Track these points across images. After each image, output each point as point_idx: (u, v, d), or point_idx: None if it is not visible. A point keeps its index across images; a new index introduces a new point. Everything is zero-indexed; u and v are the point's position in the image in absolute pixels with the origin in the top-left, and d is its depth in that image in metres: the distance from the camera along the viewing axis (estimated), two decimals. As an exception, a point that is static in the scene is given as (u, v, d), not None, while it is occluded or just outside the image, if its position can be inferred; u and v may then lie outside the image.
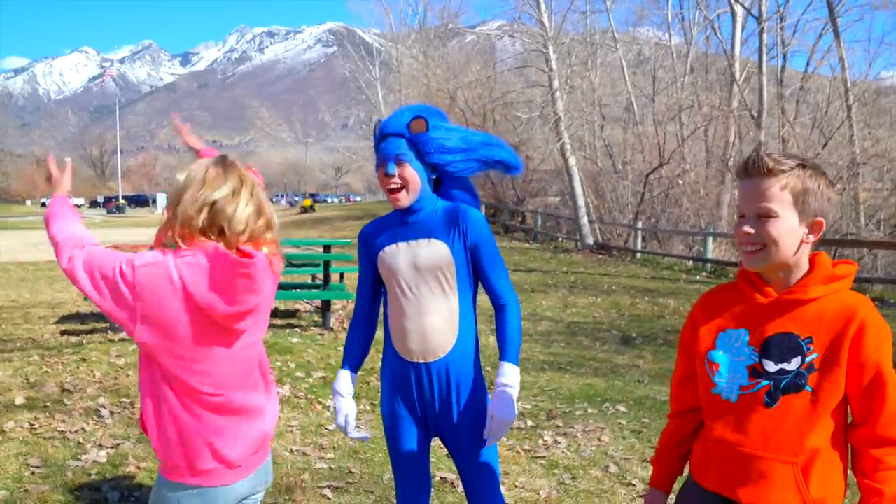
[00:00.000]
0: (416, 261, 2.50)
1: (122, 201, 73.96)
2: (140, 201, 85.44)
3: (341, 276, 11.46)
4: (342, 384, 2.63)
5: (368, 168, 73.77)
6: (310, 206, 57.65)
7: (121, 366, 6.83)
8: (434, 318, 2.50)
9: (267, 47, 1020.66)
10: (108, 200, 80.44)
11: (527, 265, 17.17)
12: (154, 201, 78.76)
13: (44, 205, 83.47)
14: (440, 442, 2.71)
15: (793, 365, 1.79)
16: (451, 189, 2.65)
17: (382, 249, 2.58)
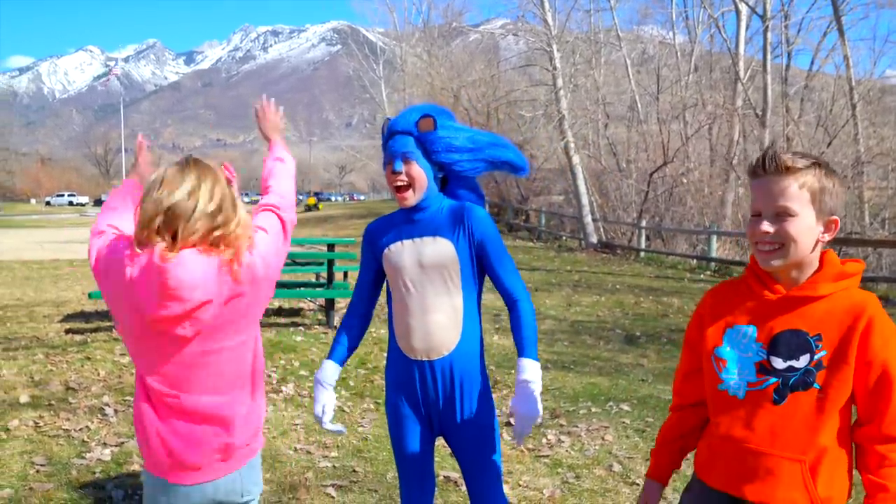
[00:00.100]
0: (421, 258, 2.51)
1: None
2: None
3: (345, 274, 11.46)
4: (325, 374, 2.62)
5: (372, 167, 73.82)
6: (314, 205, 57.68)
7: (125, 364, 6.84)
8: (438, 315, 2.50)
9: (271, 46, 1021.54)
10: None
11: (530, 264, 17.16)
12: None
13: (48, 203, 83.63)
14: (443, 441, 2.71)
15: (801, 362, 1.78)
16: (457, 189, 2.65)
17: (388, 247, 2.59)
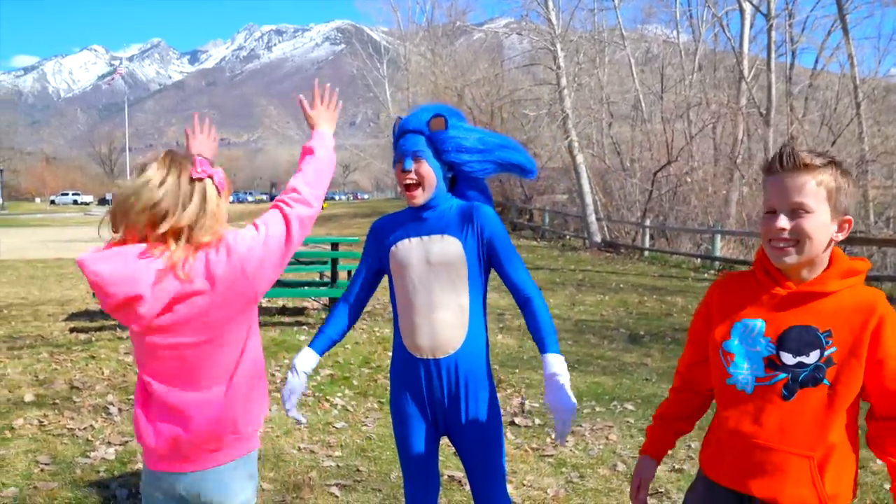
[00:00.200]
0: (428, 256, 2.52)
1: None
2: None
3: (349, 273, 11.45)
4: (301, 360, 2.60)
5: (376, 166, 73.79)
6: None
7: (129, 363, 6.85)
8: (444, 313, 2.50)
9: (275, 45, 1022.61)
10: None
11: (534, 263, 17.15)
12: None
13: (53, 202, 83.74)
14: (447, 440, 2.71)
15: (811, 358, 1.77)
16: (466, 189, 2.66)
17: (395, 244, 2.59)
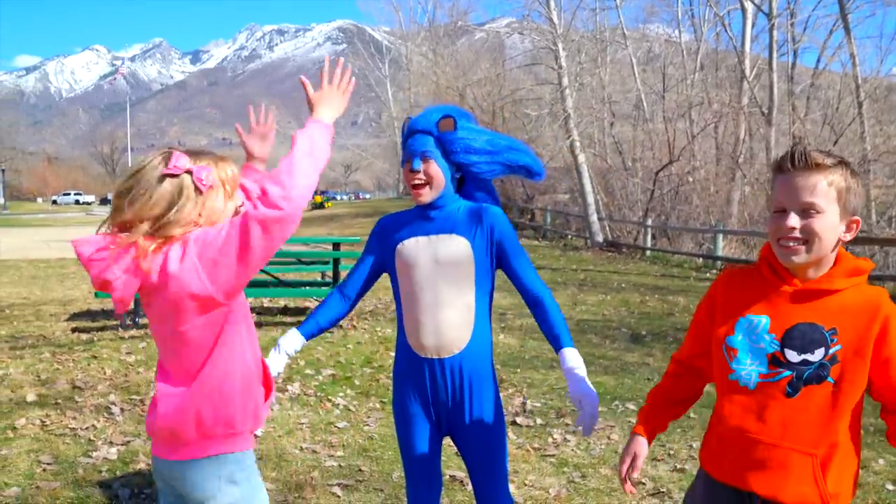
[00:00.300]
0: (436, 255, 2.52)
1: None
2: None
3: (351, 273, 11.46)
4: (286, 340, 2.58)
5: (378, 165, 73.87)
6: (321, 203, 57.79)
7: (131, 363, 6.85)
8: (450, 312, 2.50)
9: (277, 45, 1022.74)
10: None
11: (536, 263, 17.12)
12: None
13: (55, 202, 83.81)
14: (448, 440, 2.71)
15: (816, 356, 1.77)
16: (473, 190, 2.67)
17: (401, 242, 2.59)
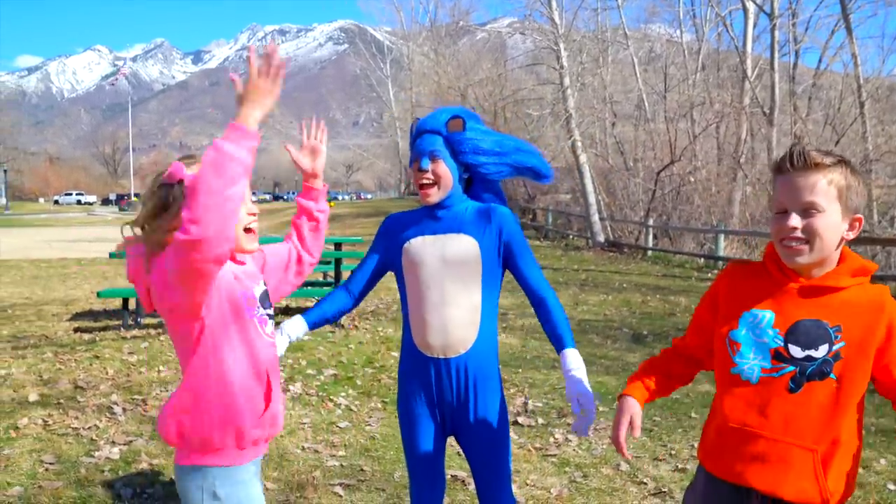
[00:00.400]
0: (443, 254, 2.52)
1: (134, 199, 74.00)
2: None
3: (352, 273, 11.45)
4: (290, 325, 2.57)
5: (379, 165, 73.85)
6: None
7: (133, 363, 6.86)
8: (456, 311, 2.50)
9: (278, 45, 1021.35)
10: (120, 198, 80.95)
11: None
12: (166, 199, 78.54)
13: (56, 202, 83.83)
14: (451, 439, 2.71)
15: (820, 352, 1.78)
16: (481, 191, 2.67)
17: (408, 241, 2.59)
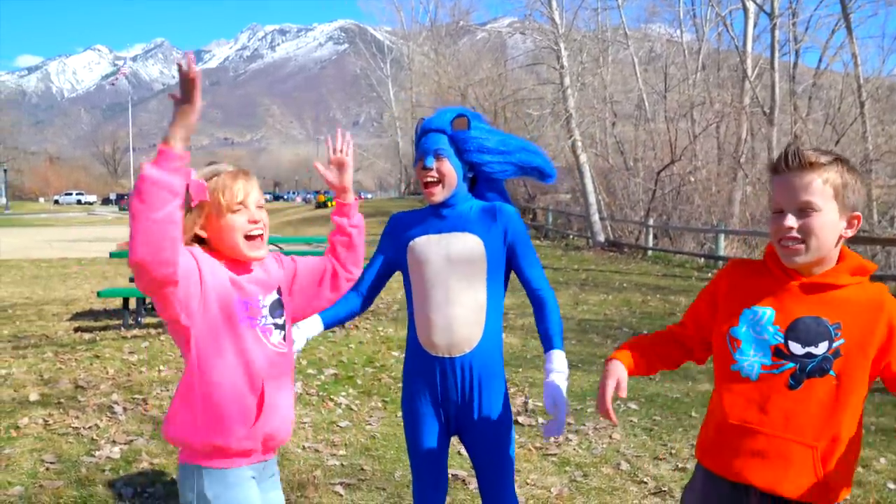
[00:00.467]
0: (448, 253, 2.52)
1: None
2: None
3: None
4: (306, 323, 2.56)
5: (379, 165, 73.87)
6: (324, 202, 57.84)
7: (134, 362, 6.86)
8: (461, 309, 2.50)
9: (278, 45, 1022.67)
10: (120, 197, 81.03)
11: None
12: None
13: (57, 202, 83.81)
14: (453, 438, 2.71)
15: (820, 349, 1.78)
16: (486, 191, 2.67)
17: (413, 240, 2.59)
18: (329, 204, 58.41)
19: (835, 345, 1.78)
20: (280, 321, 2.20)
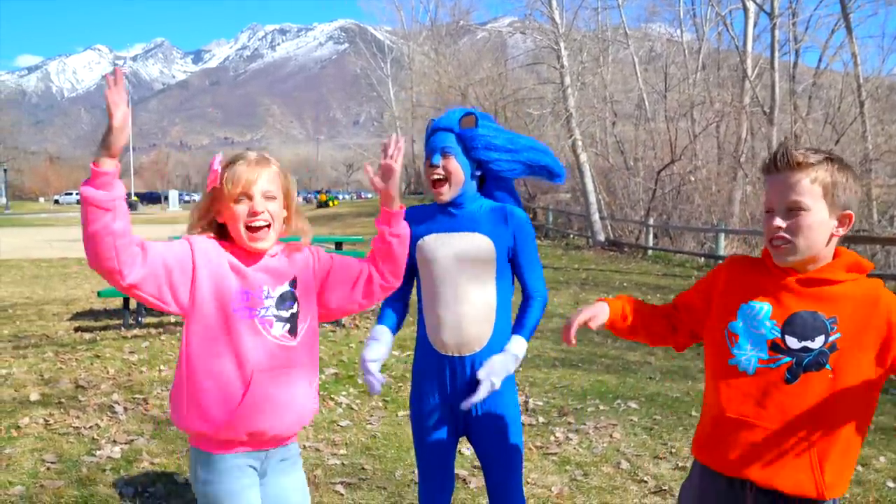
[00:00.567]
0: (457, 252, 2.51)
1: (134, 198, 74.00)
2: (152, 198, 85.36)
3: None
4: (376, 329, 2.62)
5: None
6: (325, 202, 57.96)
7: (134, 362, 6.87)
8: (470, 308, 2.50)
9: (279, 45, 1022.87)
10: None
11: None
12: (166, 198, 78.65)
13: (57, 202, 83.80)
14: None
15: (816, 343, 1.79)
16: (494, 190, 2.66)
17: (422, 238, 2.58)
18: (331, 203, 58.51)
19: (831, 339, 1.79)
20: (286, 314, 2.15)
